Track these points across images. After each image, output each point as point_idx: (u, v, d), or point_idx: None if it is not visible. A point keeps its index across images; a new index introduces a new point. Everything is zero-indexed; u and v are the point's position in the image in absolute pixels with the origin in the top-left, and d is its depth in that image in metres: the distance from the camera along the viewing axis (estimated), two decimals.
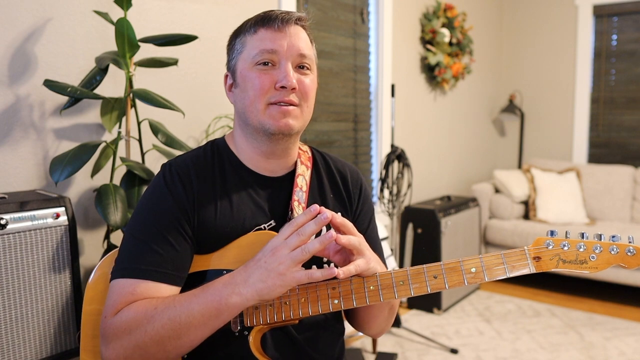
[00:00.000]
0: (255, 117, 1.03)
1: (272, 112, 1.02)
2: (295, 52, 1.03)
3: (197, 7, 2.11)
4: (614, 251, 0.93)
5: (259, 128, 1.04)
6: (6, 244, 1.32)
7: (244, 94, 1.04)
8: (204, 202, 1.04)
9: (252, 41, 1.04)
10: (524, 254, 0.96)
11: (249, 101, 1.03)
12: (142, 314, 0.93)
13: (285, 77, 1.01)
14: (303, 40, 1.05)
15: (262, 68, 1.02)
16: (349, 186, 1.18)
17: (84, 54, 1.75)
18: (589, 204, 3.94)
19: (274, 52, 1.02)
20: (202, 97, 2.15)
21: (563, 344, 2.77)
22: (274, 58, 1.02)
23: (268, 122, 1.02)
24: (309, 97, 1.06)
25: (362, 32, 3.14)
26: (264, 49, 1.02)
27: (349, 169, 1.21)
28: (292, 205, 1.07)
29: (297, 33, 1.05)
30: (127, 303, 0.96)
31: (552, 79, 4.50)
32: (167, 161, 1.09)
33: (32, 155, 1.65)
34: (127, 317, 0.94)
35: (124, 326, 0.94)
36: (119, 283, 0.98)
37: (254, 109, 1.03)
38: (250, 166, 1.09)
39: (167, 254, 0.99)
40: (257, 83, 1.02)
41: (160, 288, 0.98)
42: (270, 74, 1.02)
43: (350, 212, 1.17)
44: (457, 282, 0.96)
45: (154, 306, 0.93)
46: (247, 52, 1.04)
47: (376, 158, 3.32)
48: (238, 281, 0.92)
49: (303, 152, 1.17)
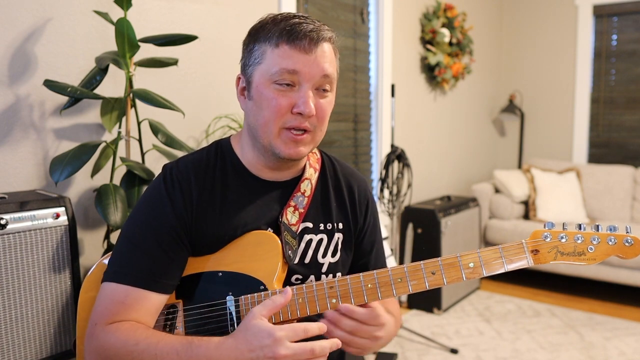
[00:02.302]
0: (267, 139, 0.99)
1: (285, 138, 0.98)
2: (319, 75, 0.97)
3: (197, 7, 2.11)
4: (612, 242, 0.93)
5: (268, 149, 1.01)
6: (6, 244, 1.32)
7: (258, 110, 0.99)
8: (203, 209, 1.02)
9: (272, 55, 0.96)
10: (521, 247, 0.95)
11: (263, 121, 0.98)
12: (122, 344, 0.92)
13: (304, 104, 0.95)
14: (328, 60, 0.98)
15: (280, 88, 0.96)
16: (355, 199, 1.16)
17: (84, 54, 1.75)
18: (589, 204, 3.94)
19: (295, 74, 0.95)
20: (202, 97, 2.15)
21: (563, 344, 2.77)
22: (295, 79, 0.96)
23: (279, 147, 0.99)
24: (325, 121, 1.01)
25: (362, 32, 3.14)
26: (285, 68, 0.95)
27: (356, 180, 1.18)
28: (285, 210, 1.06)
29: (323, 53, 0.97)
30: (117, 314, 0.95)
31: (552, 79, 4.50)
32: (169, 163, 1.07)
33: (32, 155, 1.65)
34: (109, 342, 0.93)
35: (104, 352, 0.93)
36: (110, 287, 0.98)
37: (267, 130, 0.98)
38: (253, 171, 1.07)
39: (160, 262, 0.98)
40: (274, 105, 0.96)
41: (150, 297, 0.97)
42: (289, 96, 0.96)
43: (354, 225, 1.15)
44: (455, 278, 0.95)
45: (135, 341, 0.91)
46: (266, 65, 0.97)
47: (376, 158, 3.32)
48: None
49: (312, 154, 1.15)
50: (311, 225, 1.09)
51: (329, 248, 1.11)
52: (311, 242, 1.09)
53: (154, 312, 0.99)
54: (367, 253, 1.17)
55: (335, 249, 1.12)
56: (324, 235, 1.10)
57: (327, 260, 1.10)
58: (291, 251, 1.04)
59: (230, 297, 1.00)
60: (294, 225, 1.06)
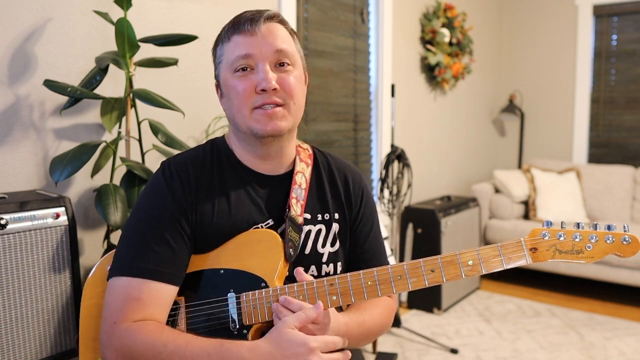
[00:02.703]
0: (244, 123, 1.04)
1: (258, 116, 1.02)
2: (270, 50, 1.02)
3: (197, 7, 2.11)
4: (610, 240, 0.93)
5: (248, 133, 1.04)
6: (6, 244, 1.32)
7: (230, 102, 1.05)
8: (202, 201, 1.04)
9: (228, 49, 1.04)
10: (520, 245, 0.96)
11: (235, 109, 1.04)
12: (150, 345, 0.92)
13: (264, 80, 1.00)
14: (278, 37, 1.03)
15: (241, 74, 1.02)
16: (350, 190, 1.17)
17: (84, 54, 1.75)
18: (589, 204, 3.94)
19: (248, 57, 1.01)
20: (202, 97, 2.15)
21: (563, 344, 2.77)
22: (251, 62, 1.02)
23: (256, 126, 1.02)
24: (294, 95, 1.04)
25: (362, 32, 3.14)
26: (238, 55, 1.02)
27: (350, 171, 1.20)
28: (290, 202, 1.07)
29: (270, 31, 1.03)
30: (135, 311, 0.96)
31: (552, 79, 4.50)
32: (166, 159, 1.10)
33: (32, 155, 1.65)
34: (135, 342, 0.93)
35: (129, 351, 0.94)
36: (120, 283, 0.98)
37: (240, 116, 1.03)
38: (249, 165, 1.10)
39: (166, 253, 0.99)
40: (239, 90, 1.02)
41: (162, 289, 0.98)
42: (250, 78, 1.02)
43: (350, 216, 1.16)
44: (454, 275, 0.96)
45: (162, 342, 0.92)
46: (225, 60, 1.05)
47: (376, 158, 3.32)
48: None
49: (303, 150, 1.17)
50: (309, 217, 1.11)
51: (328, 238, 1.12)
52: (310, 232, 1.10)
53: (167, 306, 1.00)
54: (362, 244, 1.18)
55: (334, 238, 1.13)
56: (322, 226, 1.12)
57: (326, 250, 1.12)
58: (292, 249, 1.05)
59: (231, 294, 1.01)
60: (299, 216, 1.08)
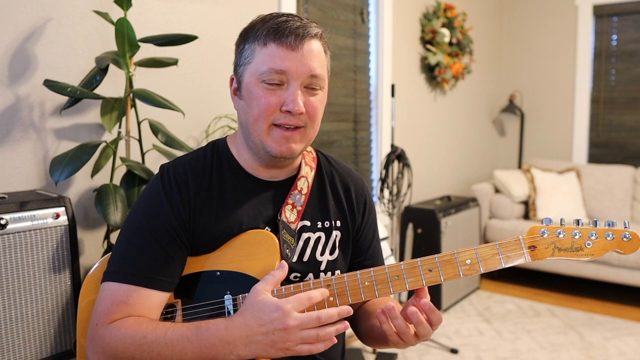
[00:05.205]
0: (258, 137, 1.00)
1: (275, 135, 0.99)
2: (307, 73, 0.97)
3: (197, 7, 2.11)
4: (610, 237, 0.92)
5: (260, 147, 1.01)
6: (6, 244, 1.32)
7: (248, 109, 1.00)
8: (201, 208, 1.03)
9: (261, 55, 0.97)
10: (519, 244, 0.95)
11: (252, 119, 0.99)
12: (130, 339, 0.92)
13: (293, 102, 0.96)
14: (317, 59, 0.99)
15: (268, 87, 0.97)
16: (352, 198, 1.16)
17: (84, 54, 1.75)
18: (589, 204, 3.94)
19: (283, 73, 0.96)
20: (202, 97, 2.15)
21: (563, 344, 2.77)
22: (283, 78, 0.97)
23: (270, 145, 0.99)
24: (316, 119, 1.01)
25: (362, 32, 3.14)
26: (273, 67, 0.96)
27: (353, 179, 1.18)
28: (283, 208, 1.06)
29: (310, 50, 0.97)
30: (119, 314, 0.95)
31: (552, 79, 4.50)
32: (165, 163, 1.08)
33: (32, 155, 1.65)
34: (115, 339, 0.93)
35: (111, 350, 0.93)
36: (110, 287, 0.97)
37: (257, 128, 0.99)
38: (250, 171, 1.08)
39: (159, 260, 0.98)
40: (263, 103, 0.97)
41: (151, 296, 0.97)
42: (278, 94, 0.97)
43: (353, 224, 1.15)
44: (452, 275, 0.95)
45: (142, 334, 0.92)
46: (254, 65, 0.98)
47: (376, 158, 3.32)
48: (237, 343, 0.89)
49: (307, 153, 1.15)
50: (309, 224, 1.10)
51: (327, 246, 1.11)
52: (309, 240, 1.09)
53: (156, 310, 0.99)
54: (365, 251, 1.18)
55: (333, 247, 1.12)
56: (321, 233, 1.11)
57: (325, 258, 1.10)
58: (289, 250, 1.04)
59: (228, 296, 1.00)
60: (292, 223, 1.06)
